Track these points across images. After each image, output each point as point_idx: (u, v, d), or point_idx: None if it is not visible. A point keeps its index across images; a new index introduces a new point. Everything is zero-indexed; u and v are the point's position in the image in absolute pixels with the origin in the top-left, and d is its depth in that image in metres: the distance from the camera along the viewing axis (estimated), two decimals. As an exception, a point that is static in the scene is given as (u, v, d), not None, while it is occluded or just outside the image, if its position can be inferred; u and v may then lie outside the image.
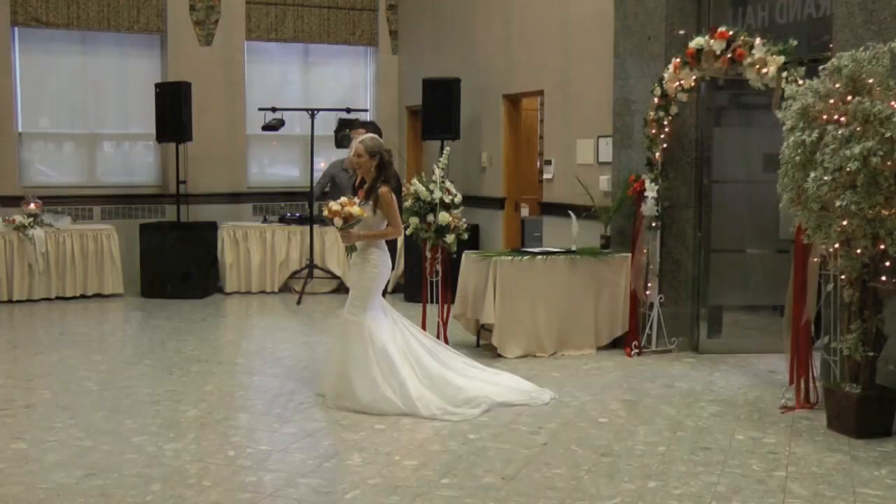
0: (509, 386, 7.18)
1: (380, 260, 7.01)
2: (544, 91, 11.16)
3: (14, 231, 11.66)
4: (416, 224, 8.33)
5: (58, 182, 13.57)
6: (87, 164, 13.82)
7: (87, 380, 7.78)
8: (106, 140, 13.93)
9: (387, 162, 7.03)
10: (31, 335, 9.81)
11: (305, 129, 12.88)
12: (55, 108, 13.63)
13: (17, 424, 6.47)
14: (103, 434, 6.23)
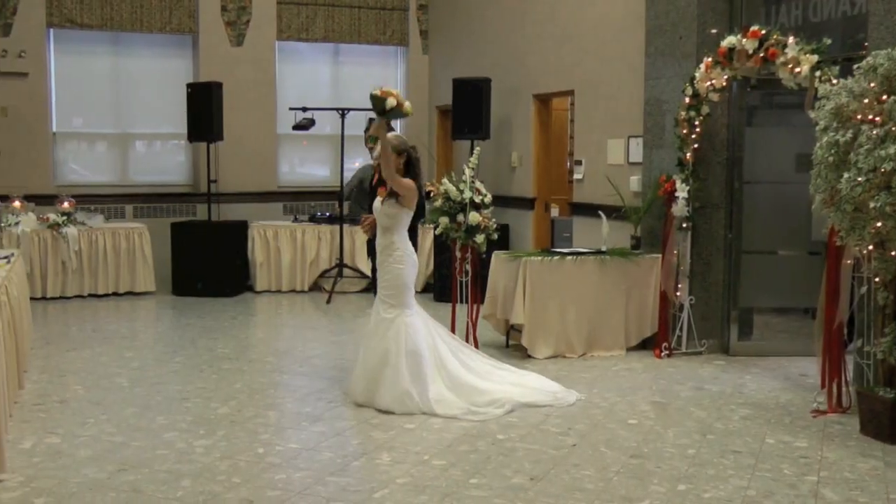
0: (535, 387, 7.16)
1: (403, 255, 6.99)
2: (574, 91, 11.12)
3: (48, 229, 11.77)
4: (445, 224, 8.31)
5: (91, 181, 13.68)
6: (120, 163, 13.92)
7: (118, 376, 7.83)
8: (138, 139, 14.02)
9: (414, 159, 7.07)
10: (64, 332, 9.89)
11: (336, 128, 12.91)
12: (89, 108, 13.74)
13: (51, 419, 6.52)
14: (135, 430, 6.27)
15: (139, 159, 14.06)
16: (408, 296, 6.95)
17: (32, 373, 7.89)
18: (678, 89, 8.78)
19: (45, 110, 13.28)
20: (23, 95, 13.05)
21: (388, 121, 6.89)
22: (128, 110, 13.86)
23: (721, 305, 8.95)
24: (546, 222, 12.11)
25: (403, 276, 6.96)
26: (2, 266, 7.11)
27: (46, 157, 13.31)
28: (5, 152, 12.85)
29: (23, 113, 13.06)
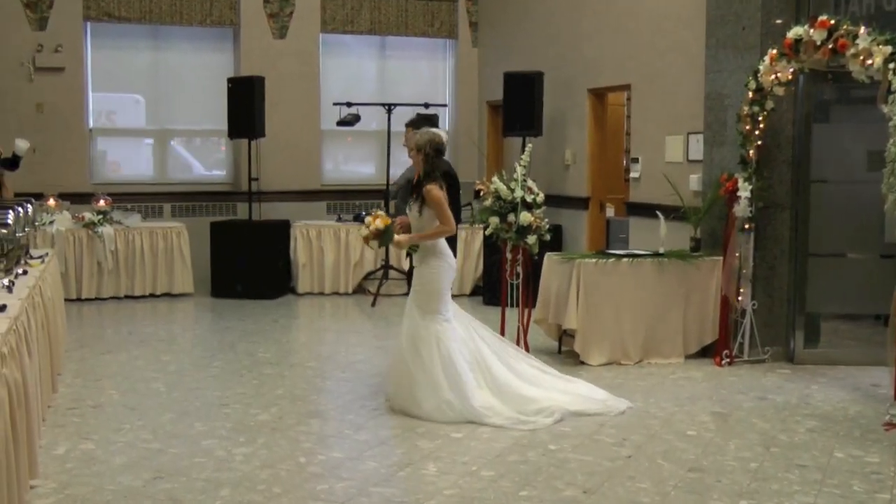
0: (584, 394, 7.13)
1: (439, 261, 7.02)
2: (631, 85, 11.06)
3: (83, 228, 11.90)
4: (496, 224, 8.30)
5: (128, 179, 13.82)
6: (158, 160, 14.06)
7: (155, 381, 7.90)
8: (177, 136, 14.15)
9: (430, 156, 7.06)
10: (99, 334, 9.99)
11: (382, 124, 12.94)
12: (126, 104, 13.88)
13: (85, 424, 6.58)
14: (172, 437, 6.31)
15: (178, 157, 14.19)
16: (441, 301, 6.97)
17: (66, 376, 7.98)
18: (741, 83, 8.70)
19: (82, 106, 13.44)
20: (59, 91, 13.22)
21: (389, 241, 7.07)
22: (167, 106, 13.99)
23: (786, 311, 8.85)
24: (601, 223, 12.05)
25: (436, 281, 7.00)
26: (35, 266, 7.20)
27: (82, 154, 13.47)
28: (41, 149, 13.02)
29: (59, 109, 13.24)
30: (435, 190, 6.96)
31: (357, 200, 14.37)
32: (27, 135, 12.14)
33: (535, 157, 9.31)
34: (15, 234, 6.66)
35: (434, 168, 7.06)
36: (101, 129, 13.74)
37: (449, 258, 7.08)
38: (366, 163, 14.94)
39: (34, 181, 12.56)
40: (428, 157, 7.07)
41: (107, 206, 12.20)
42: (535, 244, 8.32)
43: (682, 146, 9.97)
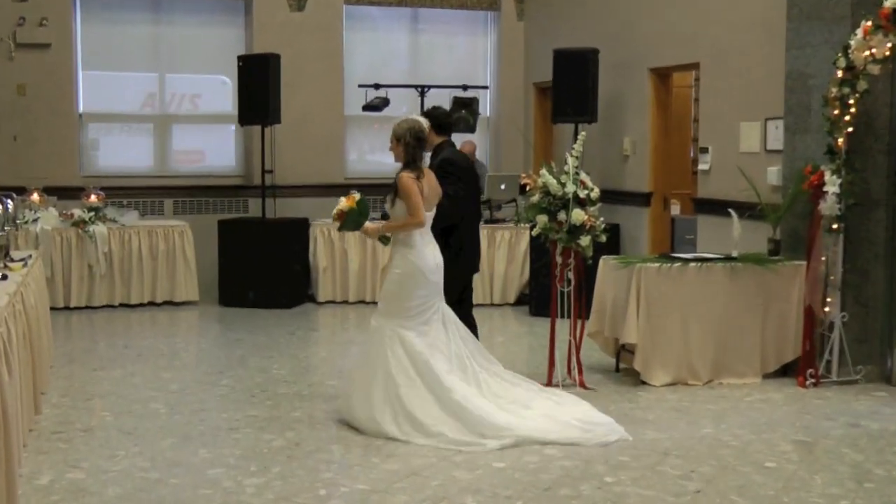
0: (563, 420, 7.06)
1: (403, 260, 7.25)
2: (700, 64, 11.02)
3: (72, 227, 11.99)
4: (544, 223, 8.27)
5: (124, 171, 13.90)
6: (158, 150, 14.13)
7: (154, 401, 7.92)
8: (180, 122, 14.22)
9: (411, 145, 7.28)
10: (90, 348, 10.05)
11: (414, 109, 12.94)
12: (122, 85, 13.96)
13: (74, 451, 6.60)
14: (172, 465, 6.31)
15: (181, 145, 14.26)
16: (400, 306, 7.19)
17: (52, 395, 8.00)
18: (828, 61, 8.62)
19: (71, 87, 13.53)
20: (44, 70, 13.31)
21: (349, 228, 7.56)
22: (168, 87, 14.06)
23: (881, 324, 8.77)
24: (665, 222, 12.00)
25: (395, 283, 7.25)
26: (17, 270, 7.23)
27: (71, 142, 13.55)
28: (23, 137, 13.13)
29: (44, 91, 13.32)
30: (406, 178, 7.21)
31: (385, 196, 14.36)
32: (7, 121, 12.25)
33: (588, 146, 9.28)
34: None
35: (415, 159, 7.29)
36: (92, 113, 13.83)
37: (421, 260, 7.24)
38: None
39: (16, 173, 12.67)
40: (409, 147, 7.29)
41: (99, 201, 12.28)
42: (589, 246, 8.29)
43: (759, 134, 9.93)
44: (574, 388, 8.21)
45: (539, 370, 8.65)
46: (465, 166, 8.17)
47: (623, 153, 12.47)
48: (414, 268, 7.21)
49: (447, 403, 6.96)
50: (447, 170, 7.81)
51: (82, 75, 13.67)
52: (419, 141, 7.30)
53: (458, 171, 7.92)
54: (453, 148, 8.19)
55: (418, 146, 7.30)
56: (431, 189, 7.33)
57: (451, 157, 8.03)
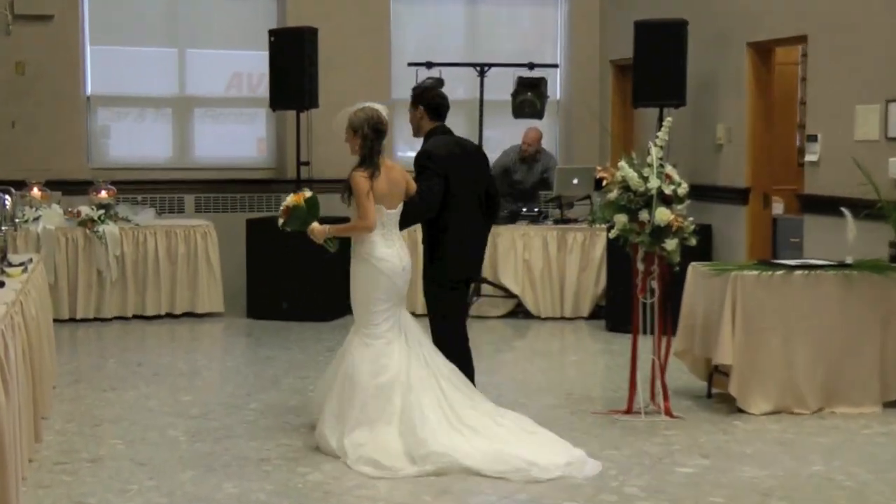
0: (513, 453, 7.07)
1: (363, 265, 7.56)
2: (808, 37, 10.94)
3: (79, 227, 12.07)
4: (623, 224, 8.21)
5: (138, 162, 13.98)
6: (178, 138, 14.20)
7: (172, 427, 7.94)
8: (203, 106, 14.28)
9: (368, 137, 7.55)
10: (99, 365, 10.11)
11: (471, 91, 12.94)
12: (136, 63, 14.03)
13: (80, 484, 6.62)
14: (193, 500, 6.33)
15: (204, 133, 14.32)
16: (366, 312, 7.55)
17: (55, 420, 8.04)
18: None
19: (77, 67, 13.62)
20: (46, 46, 13.39)
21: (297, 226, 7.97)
22: (190, 67, 14.12)
23: None
24: (765, 222, 11.93)
25: (358, 290, 7.61)
26: (15, 276, 7.25)
27: (78, 129, 13.64)
28: (22, 122, 13.22)
29: (46, 70, 13.41)
30: (357, 177, 7.44)
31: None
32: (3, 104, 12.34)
33: (675, 133, 9.22)
34: (-11, 233, 6.73)
35: (372, 153, 7.52)
36: (102, 96, 13.92)
37: (382, 263, 7.50)
38: (450, 142, 14.95)
39: (14, 165, 12.73)
40: (366, 140, 7.55)
41: (110, 197, 12.33)
42: (676, 251, 8.21)
43: (879, 119, 9.87)
44: (659, 415, 8.16)
45: (617, 395, 8.61)
46: (449, 156, 8.13)
47: (716, 142, 12.40)
48: (375, 271, 7.49)
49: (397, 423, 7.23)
50: (423, 163, 7.96)
51: (90, 51, 13.76)
52: (377, 133, 7.56)
53: (437, 165, 7.94)
54: (444, 136, 8.26)
55: (377, 139, 7.55)
56: (394, 185, 7.56)
57: (431, 148, 8.10)
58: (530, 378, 9.78)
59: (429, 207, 7.87)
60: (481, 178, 8.35)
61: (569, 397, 8.91)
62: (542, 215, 12.89)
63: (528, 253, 12.43)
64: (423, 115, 8.21)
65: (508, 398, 8.69)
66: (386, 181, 7.46)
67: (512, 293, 12.49)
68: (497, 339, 11.52)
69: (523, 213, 12.78)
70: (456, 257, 8.02)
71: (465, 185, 8.05)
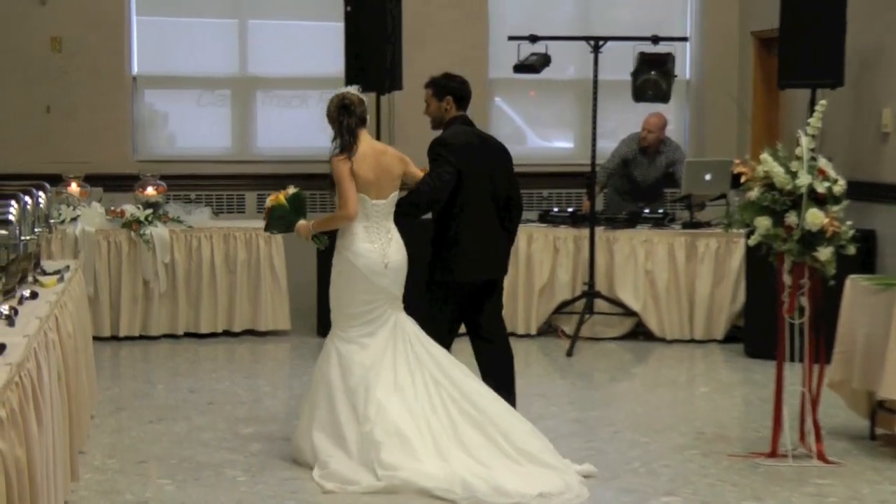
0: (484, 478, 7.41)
1: (339, 260, 8.10)
2: None
3: (123, 229, 12.16)
4: (766, 228, 8.13)
5: (191, 153, 14.09)
6: (238, 125, 14.30)
7: (230, 465, 7.97)
8: (267, 87, 14.35)
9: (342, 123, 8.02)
10: (145, 391, 10.20)
11: (584, 70, 12.92)
12: (190, 39, 14.13)
13: (122, 533, 6.68)
14: (253, 555, 6.36)
15: (268, 120, 14.39)
16: (340, 312, 8.12)
17: (93, 455, 8.10)
18: None
19: (122, 41, 13.76)
20: (86, 18, 13.55)
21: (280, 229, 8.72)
22: (252, 42, 14.19)
23: None
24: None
25: (334, 285, 8.18)
26: (50, 285, 7.31)
27: (122, 115, 13.78)
28: (59, 106, 13.36)
29: (86, 46, 13.56)
30: (338, 162, 7.96)
31: (546, 189, 14.35)
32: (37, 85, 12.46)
33: (831, 120, 9.12)
34: (19, 236, 6.76)
35: (343, 130, 8.03)
36: (150, 76, 14.04)
37: (360, 259, 8.00)
38: (559, 129, 14.93)
39: (49, 156, 12.87)
40: (336, 121, 8.09)
41: (158, 194, 12.41)
42: (831, 261, 8.12)
43: None
44: (810, 460, 8.05)
45: (759, 435, 8.54)
46: (467, 146, 8.51)
47: (881, 130, 12.25)
48: (351, 268, 8.01)
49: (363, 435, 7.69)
50: (437, 152, 8.41)
51: (137, 23, 13.89)
52: (345, 108, 8.02)
53: (451, 155, 8.36)
54: (465, 126, 8.68)
55: (347, 115, 8.02)
56: (384, 171, 8.05)
57: (448, 136, 8.55)
58: (653, 412, 9.71)
59: (433, 196, 8.36)
60: (501, 178, 8.67)
61: (700, 436, 8.83)
62: (668, 218, 12.80)
63: (651, 263, 12.35)
64: (450, 106, 8.61)
65: (625, 436, 8.67)
66: (373, 166, 7.96)
67: (631, 310, 12.41)
68: (613, 364, 11.47)
69: (645, 216, 12.69)
70: (464, 257, 8.43)
71: (481, 182, 8.48)
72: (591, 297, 12.31)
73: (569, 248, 12.71)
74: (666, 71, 12.91)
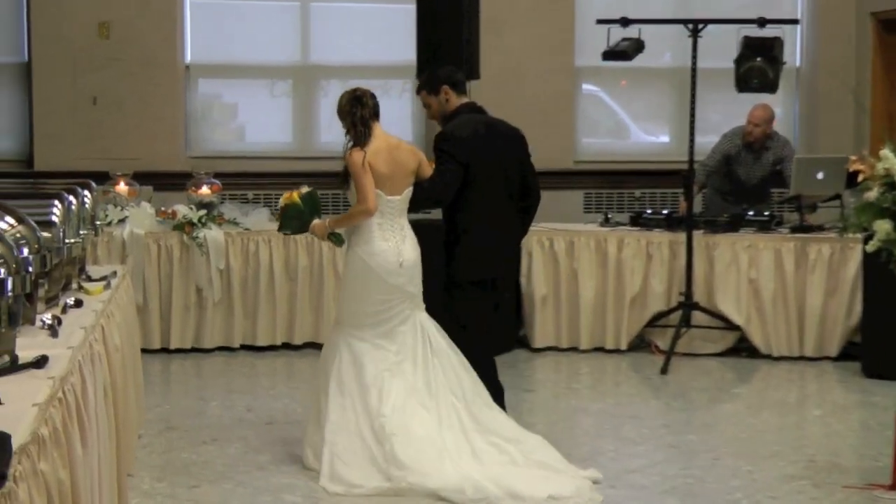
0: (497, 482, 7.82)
1: (353, 258, 8.48)
2: None
3: (175, 231, 12.22)
4: (887, 233, 8.08)
5: (249, 150, 14.16)
6: (300, 118, 14.35)
7: (290, 490, 7.98)
8: (332, 77, 14.39)
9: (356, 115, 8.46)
10: (197, 409, 10.23)
11: (682, 56, 12.91)
12: (248, 24, 14.20)
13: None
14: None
15: (333, 112, 14.37)
16: (349, 311, 8.52)
17: (142, 478, 8.15)
18: None
19: (174, 27, 13.84)
20: (137, 4, 13.64)
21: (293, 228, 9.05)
22: (315, 28, 14.24)
23: None
24: None
25: (347, 282, 8.63)
26: (96, 293, 7.35)
27: (174, 107, 13.85)
28: (106, 98, 13.44)
29: (136, 32, 13.65)
30: (350, 154, 8.39)
31: (638, 189, 14.31)
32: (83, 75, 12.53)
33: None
34: (63, 239, 6.79)
35: (357, 122, 8.45)
36: (204, 65, 14.10)
37: (374, 258, 8.36)
38: (653, 122, 14.89)
39: (95, 152, 12.96)
40: (349, 114, 8.52)
41: (213, 193, 12.46)
42: (963, 271, 8.08)
43: None
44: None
45: (878, 464, 8.47)
46: (473, 137, 8.80)
47: None
48: (364, 267, 8.38)
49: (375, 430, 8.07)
50: (439, 147, 8.74)
51: (190, 7, 13.95)
52: (357, 101, 8.48)
53: (455, 149, 8.70)
54: (473, 114, 9.02)
55: (360, 107, 8.47)
56: (399, 167, 8.45)
57: (452, 128, 8.86)
58: (757, 437, 9.62)
59: (435, 197, 8.78)
60: (513, 167, 8.97)
61: (811, 465, 8.74)
62: (775, 221, 12.69)
63: (756, 271, 12.26)
64: (448, 95, 8.91)
65: (727, 464, 8.63)
66: (388, 161, 8.37)
67: (733, 324, 12.34)
68: (713, 383, 11.40)
69: (749, 218, 12.58)
70: (473, 252, 8.74)
71: (492, 172, 8.79)
72: (689, 308, 12.25)
73: (663, 254, 12.66)
74: (773, 57, 12.81)
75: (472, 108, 8.98)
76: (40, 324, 6.00)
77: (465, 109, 8.90)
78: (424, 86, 9.12)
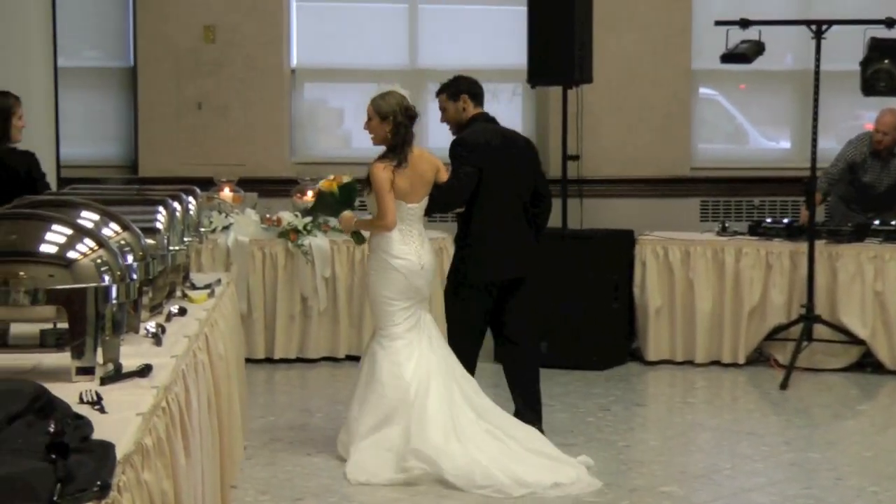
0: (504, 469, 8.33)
1: (378, 261, 8.88)
2: None
3: (279, 239, 12.28)
4: None
5: (356, 155, 14.16)
6: (409, 123, 14.38)
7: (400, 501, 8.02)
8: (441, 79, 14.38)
9: (402, 125, 8.70)
10: (302, 421, 10.27)
11: (805, 59, 12.84)
12: (356, 26, 14.26)
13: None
14: None
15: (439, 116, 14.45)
16: (382, 314, 8.89)
17: (246, 490, 8.23)
18: None
19: (279, 30, 13.91)
20: (243, 7, 13.72)
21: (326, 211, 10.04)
22: (424, 30, 14.27)
23: None
24: None
25: (371, 287, 9.01)
26: (200, 301, 7.39)
27: (280, 112, 13.92)
28: (211, 103, 13.52)
29: (242, 35, 13.73)
30: (379, 170, 8.68)
31: (757, 196, 14.22)
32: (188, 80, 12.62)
33: None
34: (167, 246, 6.85)
35: (405, 142, 8.75)
36: (311, 69, 14.17)
37: (398, 260, 8.78)
38: (773, 127, 14.82)
39: (199, 157, 13.05)
40: (399, 128, 8.74)
41: (319, 200, 12.54)
42: None
43: None
44: None
45: None
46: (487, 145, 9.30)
47: None
48: (389, 268, 8.80)
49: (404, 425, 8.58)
50: (455, 153, 9.26)
51: (296, 9, 14.02)
52: (411, 120, 8.77)
53: (470, 154, 9.18)
54: (486, 124, 9.57)
55: (410, 125, 8.79)
56: (419, 178, 8.82)
57: (467, 135, 9.36)
58: (883, 456, 9.54)
59: (451, 199, 9.22)
60: (525, 175, 9.44)
61: (943, 488, 8.69)
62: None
63: (882, 283, 12.12)
64: (466, 104, 9.44)
65: (850, 484, 8.56)
66: (409, 176, 8.74)
67: (857, 338, 12.23)
68: (836, 399, 11.32)
69: (875, 228, 12.45)
70: (481, 256, 9.16)
71: (504, 180, 9.23)
72: (810, 321, 12.15)
73: (784, 264, 12.58)
74: (893, 57, 12.74)
75: (486, 118, 9.50)
76: (144, 332, 6.06)
77: (480, 119, 9.43)
78: (445, 90, 9.58)
